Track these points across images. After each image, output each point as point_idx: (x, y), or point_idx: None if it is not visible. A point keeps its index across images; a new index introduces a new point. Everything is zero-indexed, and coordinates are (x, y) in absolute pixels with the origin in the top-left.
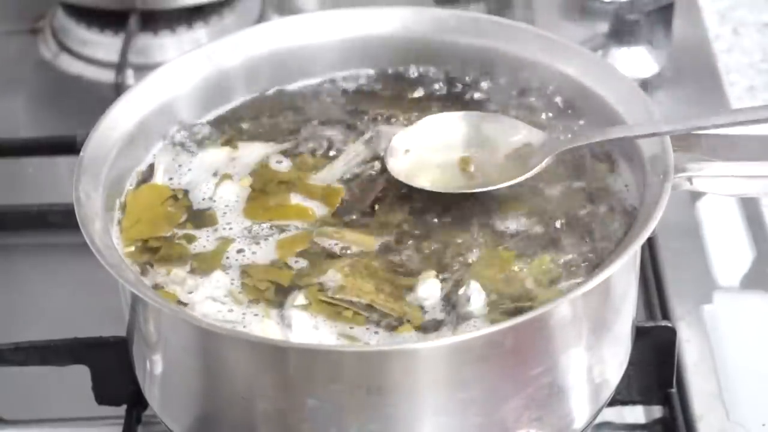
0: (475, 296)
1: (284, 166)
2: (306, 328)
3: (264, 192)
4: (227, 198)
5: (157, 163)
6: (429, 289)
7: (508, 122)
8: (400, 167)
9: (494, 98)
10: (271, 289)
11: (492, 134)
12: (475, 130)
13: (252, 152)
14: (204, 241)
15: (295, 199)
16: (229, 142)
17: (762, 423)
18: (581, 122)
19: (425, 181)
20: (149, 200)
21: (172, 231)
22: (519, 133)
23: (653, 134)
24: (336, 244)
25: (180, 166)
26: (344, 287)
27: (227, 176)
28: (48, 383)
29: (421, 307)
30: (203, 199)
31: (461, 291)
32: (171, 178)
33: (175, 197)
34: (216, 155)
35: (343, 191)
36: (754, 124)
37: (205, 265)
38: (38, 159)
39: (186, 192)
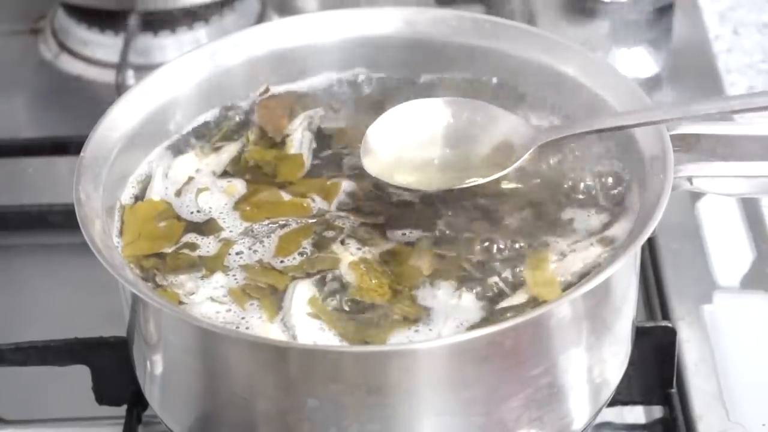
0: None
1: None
2: (312, 330)
3: (255, 191)
4: (217, 205)
5: (154, 167)
6: (441, 292)
7: (490, 110)
8: (377, 163)
9: (494, 99)
10: (269, 290)
11: (473, 123)
12: (455, 117)
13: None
14: (206, 246)
15: (287, 196)
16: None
17: (762, 423)
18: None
19: (406, 177)
20: (147, 214)
21: (173, 246)
22: (501, 123)
23: (644, 123)
24: (339, 237)
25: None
26: (361, 288)
27: (203, 189)
28: (48, 383)
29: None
30: (191, 213)
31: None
32: (167, 187)
33: (171, 209)
34: (186, 162)
35: (341, 186)
36: (749, 111)
37: (208, 267)
38: (38, 159)
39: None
